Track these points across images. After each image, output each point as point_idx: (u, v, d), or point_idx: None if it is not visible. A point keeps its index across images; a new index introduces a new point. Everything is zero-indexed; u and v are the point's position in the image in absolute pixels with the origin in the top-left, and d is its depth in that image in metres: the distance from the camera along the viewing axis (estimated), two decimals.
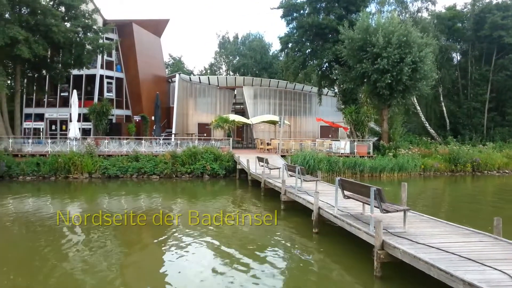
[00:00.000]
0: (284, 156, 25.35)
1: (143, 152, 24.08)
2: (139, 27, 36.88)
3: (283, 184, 14.16)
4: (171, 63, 69.94)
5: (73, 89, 30.13)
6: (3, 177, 21.31)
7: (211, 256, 9.18)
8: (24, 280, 7.78)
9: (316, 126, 39.64)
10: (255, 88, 38.13)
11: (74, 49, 27.40)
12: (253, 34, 67.92)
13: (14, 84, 27.49)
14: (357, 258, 8.81)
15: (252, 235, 11.24)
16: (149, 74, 38.24)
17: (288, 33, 34.34)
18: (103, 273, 8.08)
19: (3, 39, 21.53)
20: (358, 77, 26.98)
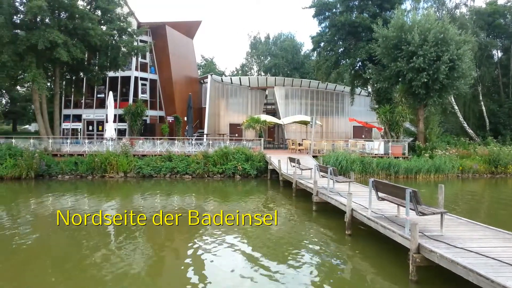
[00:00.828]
0: (316, 156, 25.11)
1: (176, 152, 24.45)
2: (172, 29, 37.52)
3: (315, 185, 14.00)
4: (203, 64, 70.82)
5: (109, 90, 31.04)
6: (43, 176, 22.16)
7: (241, 257, 9.17)
8: (58, 277, 8.03)
9: (349, 126, 39.05)
10: (287, 88, 37.97)
11: (110, 51, 28.16)
12: (284, 34, 67.84)
13: (54, 86, 28.56)
14: (391, 262, 8.58)
15: (283, 236, 11.16)
16: (182, 75, 38.83)
17: (320, 32, 34.02)
18: (132, 273, 8.24)
19: (44, 43, 22.40)
20: (392, 76, 26.38)
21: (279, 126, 39.17)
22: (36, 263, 8.73)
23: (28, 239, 10.58)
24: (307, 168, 18.28)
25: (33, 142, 24.38)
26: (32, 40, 22.61)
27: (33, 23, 24.58)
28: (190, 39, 42.20)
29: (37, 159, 21.79)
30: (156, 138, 27.45)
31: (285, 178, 19.36)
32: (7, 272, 8.17)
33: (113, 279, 7.79)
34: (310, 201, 14.24)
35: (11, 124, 52.56)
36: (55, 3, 23.70)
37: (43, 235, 11.04)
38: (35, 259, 9.07)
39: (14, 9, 24.39)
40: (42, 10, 22.21)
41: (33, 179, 21.47)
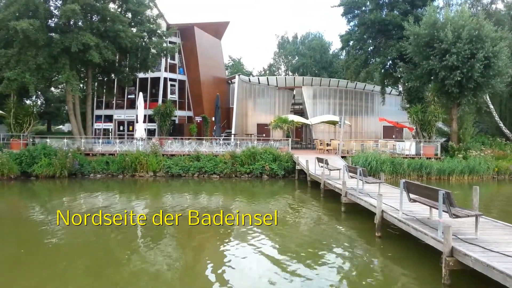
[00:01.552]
0: (345, 157, 24.77)
1: (204, 152, 24.65)
2: (200, 30, 37.88)
3: (343, 186, 13.80)
4: (230, 64, 71.19)
5: (139, 91, 31.61)
6: (76, 175, 22.80)
7: (267, 257, 9.11)
8: (90, 276, 8.20)
9: (379, 126, 38.29)
10: (315, 88, 37.63)
11: (140, 53, 28.65)
12: (312, 33, 67.30)
13: (86, 88, 29.33)
14: (423, 265, 8.34)
15: (311, 237, 11.03)
16: (210, 75, 39.15)
17: (349, 31, 33.54)
18: (161, 272, 8.32)
19: (77, 45, 23.03)
20: (424, 75, 25.69)
21: (306, 126, 38.88)
22: (66, 261, 8.96)
23: (60, 237, 10.87)
24: (335, 169, 18.04)
25: (66, 142, 25.11)
26: (66, 43, 23.29)
27: (66, 26, 25.34)
28: (218, 39, 42.49)
29: (71, 158, 22.41)
30: (184, 138, 27.75)
31: (313, 179, 19.19)
32: (36, 267, 8.41)
33: (131, 278, 7.89)
34: (339, 202, 14.05)
35: (46, 124, 54.45)
36: (88, 7, 24.31)
37: (75, 233, 11.32)
38: (63, 256, 9.31)
39: (49, 13, 25.18)
40: (76, 14, 22.82)
41: (67, 177, 22.11)
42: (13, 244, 10.30)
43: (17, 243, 10.37)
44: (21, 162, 21.97)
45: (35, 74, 23.66)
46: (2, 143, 25.11)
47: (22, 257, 8.99)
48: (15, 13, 22.68)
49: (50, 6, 25.73)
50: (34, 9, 22.84)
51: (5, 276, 7.86)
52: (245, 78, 39.72)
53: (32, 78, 23.31)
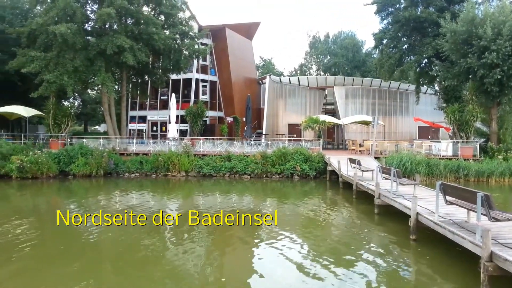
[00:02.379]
0: (378, 158, 24.26)
1: (235, 152, 24.75)
2: (231, 31, 38.11)
3: (377, 187, 13.49)
4: (261, 65, 71.29)
5: (171, 92, 32.15)
6: (111, 174, 23.40)
7: (300, 260, 9.00)
8: (121, 276, 8.35)
9: (414, 126, 37.31)
10: (347, 88, 37.09)
11: (172, 55, 29.14)
12: (344, 32, 66.38)
13: (121, 89, 30.10)
14: (461, 270, 8.03)
15: (344, 239, 10.83)
16: (241, 76, 39.32)
17: (383, 29, 32.87)
18: (191, 272, 8.37)
19: (112, 48, 23.66)
20: (462, 73, 24.81)
21: (338, 127, 38.37)
22: (101, 258, 9.18)
23: (96, 235, 11.16)
24: (368, 170, 17.68)
25: (102, 142, 25.82)
26: (101, 46, 23.98)
27: (102, 29, 26.08)
28: (249, 40, 42.62)
29: (106, 158, 23.02)
30: (215, 139, 27.99)
31: (345, 180, 18.89)
32: (71, 262, 8.65)
33: (163, 276, 7.97)
34: (372, 204, 13.75)
35: (82, 125, 56.36)
36: (123, 10, 24.94)
37: (110, 231, 11.59)
38: (100, 254, 9.54)
39: (86, 17, 26.04)
40: (111, 17, 23.47)
41: (102, 176, 22.72)
42: (53, 240, 10.66)
43: (57, 239, 10.72)
44: (59, 162, 22.76)
45: (73, 77, 24.48)
46: (42, 143, 26.09)
47: (63, 253, 9.30)
48: (54, 18, 23.56)
49: (86, 10, 26.62)
50: (72, 13, 23.66)
51: (45, 270, 8.14)
52: (276, 78, 39.65)
53: (70, 80, 24.14)
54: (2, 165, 21.53)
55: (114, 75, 28.94)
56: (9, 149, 22.32)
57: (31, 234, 10.95)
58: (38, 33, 24.68)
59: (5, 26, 30.37)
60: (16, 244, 9.75)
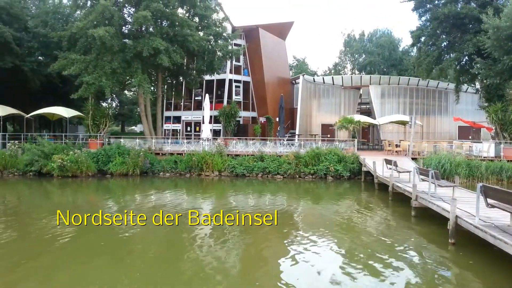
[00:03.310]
0: (415, 159, 23.55)
1: (267, 152, 24.69)
2: (264, 32, 38.10)
3: (414, 189, 13.06)
4: (295, 64, 70.92)
5: (205, 93, 32.51)
6: (147, 173, 23.90)
7: (333, 261, 8.84)
8: (157, 272, 8.46)
9: (453, 126, 36.01)
10: (383, 87, 36.26)
11: (206, 56, 29.46)
12: (380, 30, 64.92)
13: (157, 90, 30.72)
14: (503, 276, 7.66)
15: (379, 242, 10.54)
16: (274, 76, 39.23)
17: (421, 26, 31.92)
18: (223, 270, 8.37)
19: (148, 50, 24.19)
20: (505, 71, 23.69)
21: (374, 127, 37.58)
22: (135, 255, 9.35)
23: (132, 233, 11.40)
24: (405, 171, 17.17)
25: (138, 141, 26.42)
26: (138, 48, 24.56)
27: (138, 32, 26.72)
28: (282, 40, 42.47)
29: (142, 157, 23.53)
30: (248, 139, 28.04)
31: (381, 181, 18.44)
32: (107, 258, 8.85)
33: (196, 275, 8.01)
34: (408, 206, 13.34)
35: (120, 125, 58.02)
36: (158, 13, 25.43)
37: (145, 230, 11.81)
38: (133, 252, 9.72)
39: (123, 20, 26.75)
40: (147, 20, 23.98)
41: (139, 176, 23.23)
42: (92, 236, 10.97)
43: (96, 236, 11.03)
44: (98, 161, 23.47)
45: (111, 78, 25.20)
46: (81, 143, 27.01)
47: (103, 249, 9.55)
48: (93, 21, 24.34)
49: (124, 13, 27.33)
50: (110, 17, 24.34)
51: (78, 264, 8.39)
52: (309, 78, 39.32)
53: (108, 82, 24.86)
54: (45, 164, 22.47)
55: (150, 77, 29.57)
56: (51, 148, 23.24)
57: (69, 230, 11.32)
58: (78, 37, 25.61)
59: (47, 30, 31.75)
60: (55, 239, 10.11)
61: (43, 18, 33.94)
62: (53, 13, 34.60)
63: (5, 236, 10.80)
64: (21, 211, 14.90)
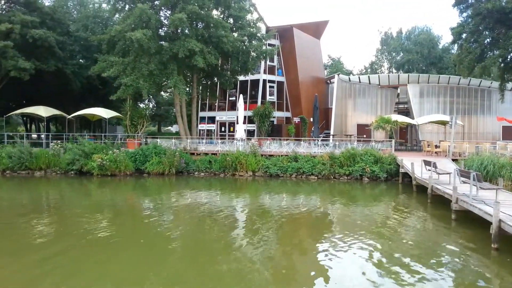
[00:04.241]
0: (456, 160, 22.67)
1: (301, 152, 24.49)
2: (299, 31, 37.83)
3: (454, 191, 12.56)
4: (330, 64, 70.06)
5: (239, 93, 32.65)
6: (182, 173, 24.28)
7: (369, 265, 8.63)
8: (190, 268, 8.55)
9: (497, 126, 34.40)
10: (422, 86, 35.16)
11: (240, 57, 29.57)
12: (419, 27, 63.01)
13: (192, 91, 31.15)
14: None
15: (418, 246, 10.20)
16: (308, 76, 38.89)
17: (462, 23, 30.71)
18: (257, 269, 8.33)
19: (183, 52, 24.56)
20: None
21: (412, 127, 36.49)
22: (175, 253, 9.49)
23: (170, 229, 11.59)
24: (445, 173, 16.57)
25: (174, 141, 26.89)
26: (174, 50, 24.98)
27: (174, 34, 27.18)
28: (317, 39, 42.04)
29: (178, 157, 23.93)
30: (282, 139, 27.91)
31: (419, 183, 17.87)
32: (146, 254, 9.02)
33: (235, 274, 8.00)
34: (448, 209, 12.84)
35: (156, 125, 59.35)
36: (194, 15, 25.75)
37: (182, 226, 11.98)
38: (171, 249, 9.86)
39: (159, 23, 27.28)
40: (183, 22, 24.35)
41: (174, 175, 23.64)
42: (131, 233, 11.25)
43: (135, 233, 11.31)
44: (135, 160, 24.08)
45: (148, 80, 25.76)
46: (119, 143, 27.78)
47: (143, 245, 9.78)
48: (131, 25, 24.96)
49: (160, 16, 27.87)
50: (147, 20, 24.87)
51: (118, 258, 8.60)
52: (344, 77, 38.71)
53: (145, 83, 25.43)
54: (85, 163, 23.29)
55: (185, 78, 30.04)
56: (91, 148, 24.06)
57: (109, 226, 11.65)
58: (117, 40, 26.36)
59: (88, 34, 32.94)
60: (95, 234, 10.42)
61: (84, 22, 35.25)
62: (93, 17, 35.85)
63: (47, 230, 11.26)
64: (63, 208, 15.50)
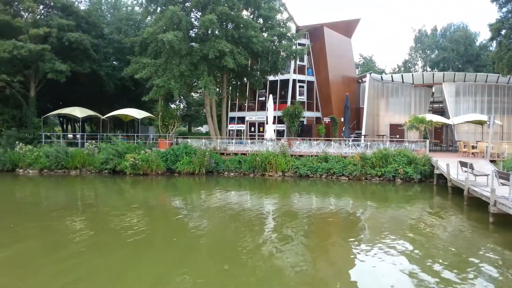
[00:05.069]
0: (494, 161, 21.76)
1: (332, 153, 24.17)
2: (329, 30, 37.37)
3: (492, 194, 12.03)
4: (361, 63, 68.94)
5: (269, 94, 32.57)
6: (212, 172, 24.46)
7: (403, 270, 8.36)
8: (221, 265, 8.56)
9: None
10: (457, 84, 33.99)
11: (270, 57, 29.47)
12: (455, 24, 61.00)
13: (221, 92, 31.34)
14: None
15: (453, 249, 9.82)
16: (339, 75, 38.35)
17: (501, 18, 29.48)
18: (285, 271, 8.24)
19: (214, 53, 24.74)
20: None
21: (447, 127, 35.36)
22: (206, 251, 9.53)
23: (200, 228, 11.67)
24: (482, 174, 15.92)
25: (204, 142, 27.15)
26: (204, 51, 25.21)
27: (205, 35, 27.41)
28: (348, 38, 41.39)
29: (208, 157, 24.14)
30: (312, 139, 27.65)
31: (455, 184, 17.25)
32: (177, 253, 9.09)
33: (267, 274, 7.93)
34: (486, 212, 12.32)
35: (187, 126, 60.14)
36: (224, 16, 25.90)
37: (212, 226, 12.03)
38: (202, 246, 9.91)
39: (190, 24, 27.59)
40: (213, 23, 24.53)
41: (204, 175, 23.85)
42: (164, 232, 11.42)
43: (168, 231, 11.47)
44: (166, 160, 24.46)
45: (179, 81, 26.12)
46: (151, 143, 28.30)
47: (176, 244, 9.88)
48: (162, 27, 25.36)
49: (191, 18, 28.18)
50: (178, 21, 25.19)
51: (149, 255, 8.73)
52: (376, 76, 37.98)
53: (176, 84, 25.79)
54: (118, 162, 23.87)
55: (215, 78, 30.24)
56: (124, 148, 24.64)
57: (143, 225, 11.85)
58: (149, 42, 26.84)
59: (121, 36, 33.73)
60: (127, 231, 10.61)
61: (117, 25, 36.11)
62: (126, 20, 36.67)
63: (83, 227, 11.57)
64: (98, 206, 15.91)
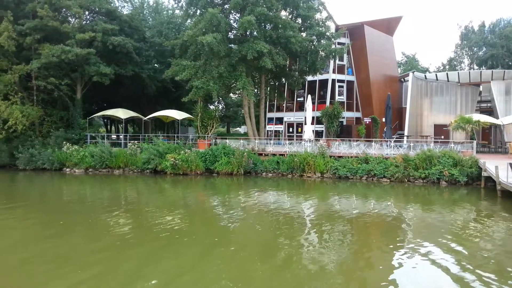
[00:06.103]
0: None
1: (373, 154, 23.57)
2: (370, 28, 36.53)
3: None
4: (404, 61, 66.96)
5: (307, 94, 32.26)
6: (250, 173, 24.50)
7: (446, 278, 7.97)
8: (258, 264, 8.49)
9: None
10: (508, 83, 32.24)
11: (309, 56, 29.16)
12: (505, 19, 57.94)
13: (260, 92, 31.37)
14: None
15: (502, 256, 9.26)
16: (380, 74, 37.40)
17: None
18: (325, 275, 8.06)
19: (252, 54, 24.77)
20: None
21: (496, 127, 33.64)
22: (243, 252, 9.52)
23: (239, 228, 11.69)
24: None
25: (242, 142, 27.24)
26: (242, 52, 25.30)
27: (243, 37, 27.52)
28: (390, 36, 40.30)
29: (246, 157, 24.21)
30: (352, 140, 27.10)
31: (504, 188, 16.31)
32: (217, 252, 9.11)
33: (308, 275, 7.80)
34: None
35: (225, 126, 60.82)
36: (262, 17, 25.89)
37: (251, 226, 12.01)
38: (241, 247, 9.90)
39: (229, 26, 27.79)
40: (251, 24, 24.59)
41: (242, 175, 23.94)
42: (205, 231, 11.54)
43: (208, 231, 11.59)
44: (205, 160, 24.76)
45: (217, 82, 26.40)
46: (191, 143, 28.75)
47: (217, 244, 9.97)
48: (202, 29, 25.68)
49: (230, 20, 28.40)
50: (217, 24, 25.45)
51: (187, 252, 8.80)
52: (420, 75, 36.75)
53: (215, 85, 26.07)
54: (159, 162, 24.46)
55: (253, 79, 30.32)
56: (165, 148, 25.20)
57: (182, 223, 12.05)
58: (189, 44, 27.32)
59: (162, 39, 34.53)
60: (168, 230, 10.78)
61: (158, 28, 37.02)
62: (167, 23, 37.51)
63: (124, 224, 11.90)
64: (139, 204, 16.34)
